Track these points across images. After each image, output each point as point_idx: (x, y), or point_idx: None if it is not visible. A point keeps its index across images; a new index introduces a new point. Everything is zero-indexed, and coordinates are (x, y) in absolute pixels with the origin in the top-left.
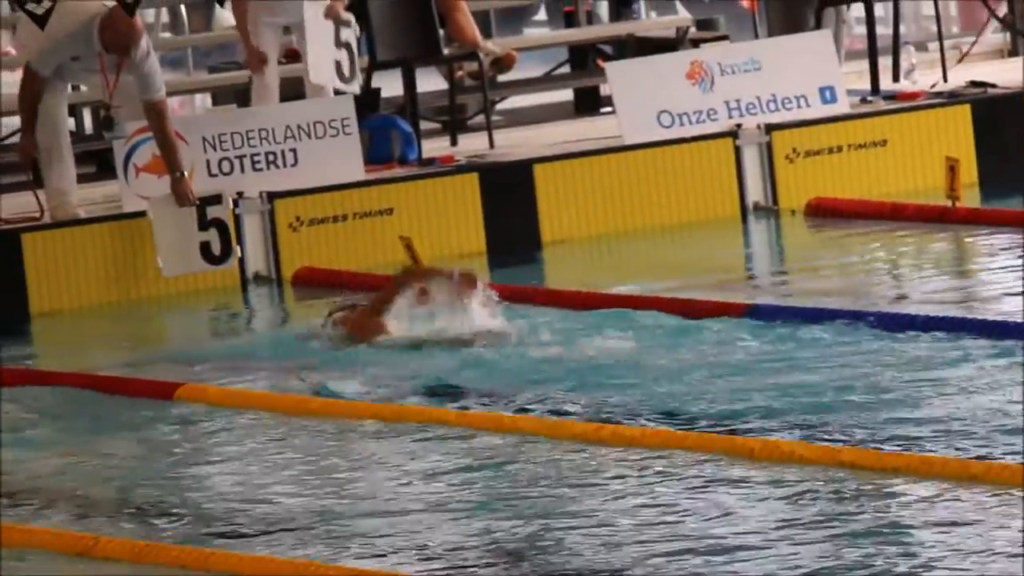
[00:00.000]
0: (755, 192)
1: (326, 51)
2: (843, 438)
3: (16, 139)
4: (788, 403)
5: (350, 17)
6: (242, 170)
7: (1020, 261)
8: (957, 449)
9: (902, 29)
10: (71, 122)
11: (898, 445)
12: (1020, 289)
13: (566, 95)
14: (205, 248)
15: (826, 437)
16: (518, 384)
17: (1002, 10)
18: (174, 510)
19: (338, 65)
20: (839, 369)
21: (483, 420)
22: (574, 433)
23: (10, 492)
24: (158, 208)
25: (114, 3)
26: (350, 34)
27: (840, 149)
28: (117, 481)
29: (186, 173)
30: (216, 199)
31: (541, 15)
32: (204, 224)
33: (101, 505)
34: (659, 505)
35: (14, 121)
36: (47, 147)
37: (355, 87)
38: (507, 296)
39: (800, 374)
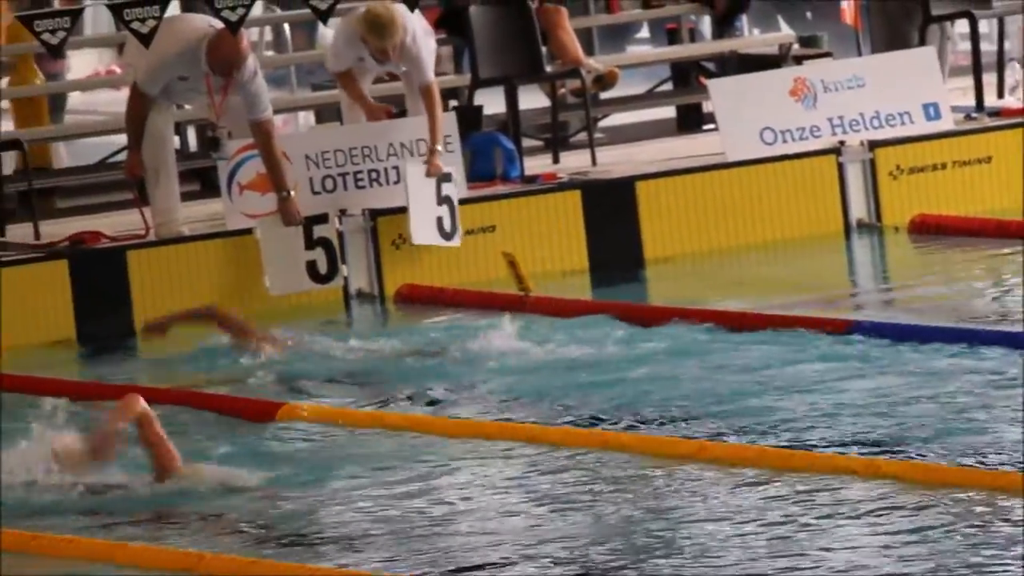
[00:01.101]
0: (858, 209)
1: (428, 211)
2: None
3: (122, 157)
4: (892, 422)
5: (450, 170)
6: (345, 188)
7: None
8: None
9: (1007, 45)
10: (176, 140)
11: (1006, 464)
12: None
13: (669, 112)
14: (311, 267)
15: (932, 455)
16: (631, 402)
17: None
18: (280, 527)
19: (440, 222)
20: (942, 387)
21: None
22: (683, 452)
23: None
24: (265, 228)
25: (222, 24)
26: (451, 188)
27: (944, 166)
28: (219, 499)
29: (292, 192)
30: (322, 218)
31: (644, 33)
32: (310, 243)
33: (205, 523)
34: (768, 524)
35: (120, 139)
36: (153, 166)
37: (456, 240)
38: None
39: (904, 391)
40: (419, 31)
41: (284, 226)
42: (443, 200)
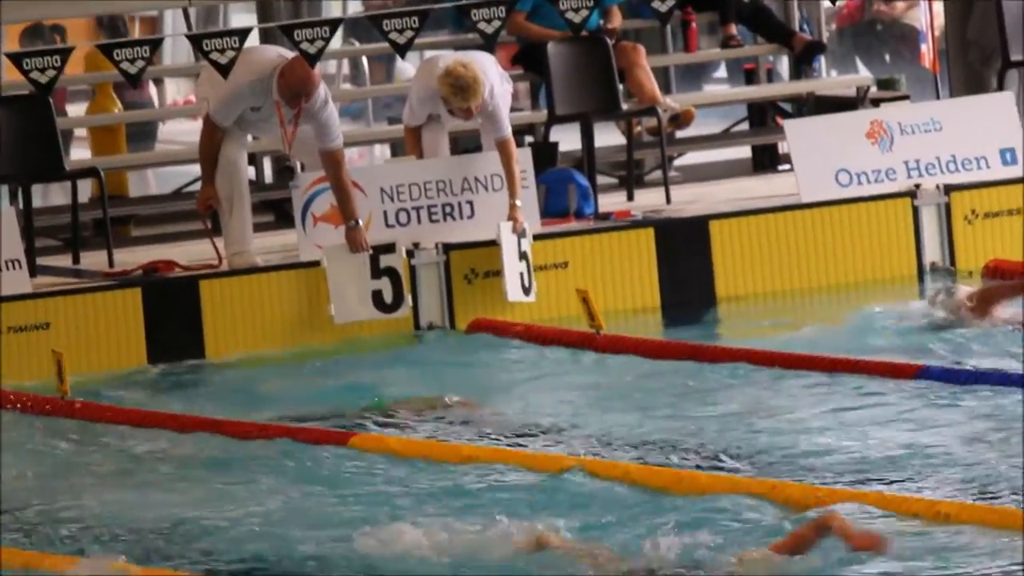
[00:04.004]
0: (932, 252)
1: (515, 267)
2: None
3: (197, 187)
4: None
5: (525, 225)
6: (419, 221)
7: None
8: None
9: None
10: (251, 171)
11: None
12: None
13: (744, 152)
14: (377, 296)
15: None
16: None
17: None
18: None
19: (521, 277)
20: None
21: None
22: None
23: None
24: (332, 255)
25: (295, 54)
26: (527, 244)
27: (1019, 211)
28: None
29: (361, 222)
30: (390, 248)
31: (721, 72)
32: (377, 272)
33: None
34: None
35: (196, 169)
36: (227, 196)
37: (532, 296)
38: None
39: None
40: (496, 81)
41: (351, 254)
42: (522, 256)
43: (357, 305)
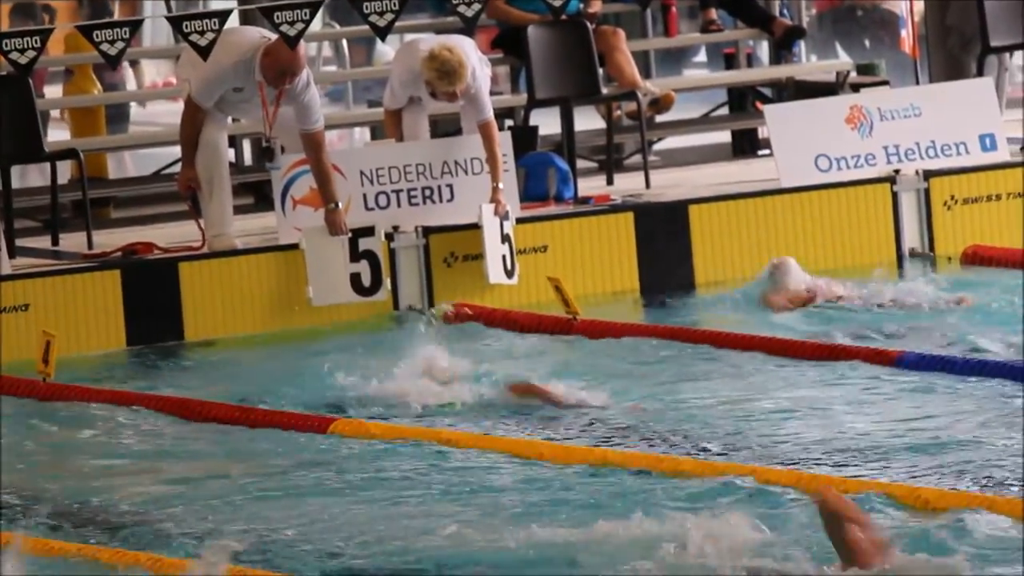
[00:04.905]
0: (911, 238)
1: (497, 249)
2: None
3: (177, 169)
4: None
5: (508, 208)
6: (398, 204)
7: None
8: None
9: None
10: (231, 153)
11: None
12: None
13: (724, 137)
14: (355, 279)
15: None
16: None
17: None
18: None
19: (504, 260)
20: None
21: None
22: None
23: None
24: (311, 237)
25: (276, 36)
26: (509, 227)
27: (999, 197)
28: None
29: (341, 205)
30: (368, 231)
31: (701, 57)
32: (356, 255)
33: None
34: None
35: (175, 151)
36: (207, 179)
37: (515, 279)
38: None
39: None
40: (476, 64)
41: (330, 236)
42: (504, 238)
43: (335, 288)
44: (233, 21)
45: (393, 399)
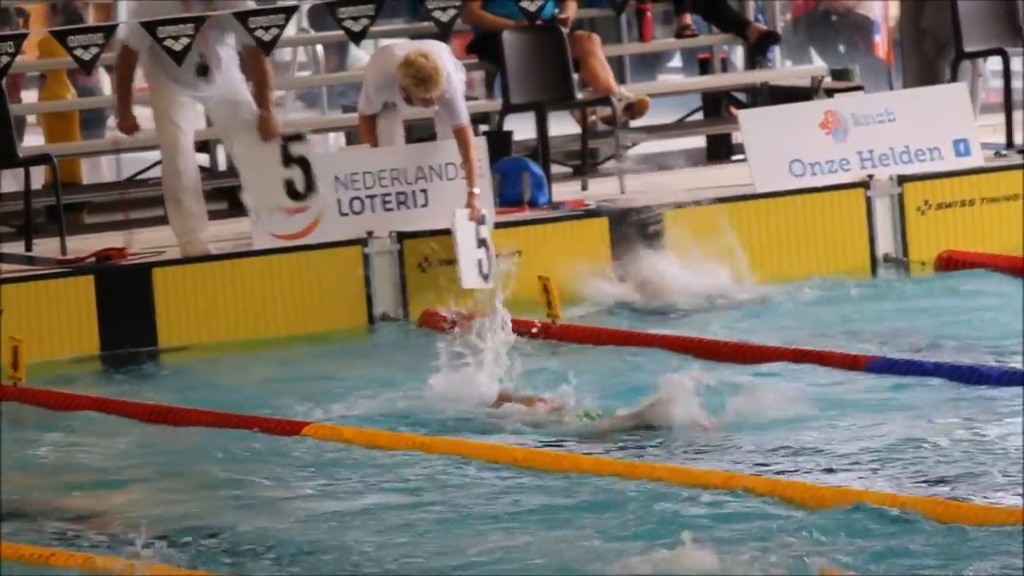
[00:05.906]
0: (885, 243)
1: (472, 254)
2: None
3: (152, 174)
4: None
5: (485, 212)
6: (372, 210)
7: None
8: None
9: None
10: (203, 158)
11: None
12: None
13: (698, 142)
14: (289, 185)
15: None
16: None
17: None
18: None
19: (480, 264)
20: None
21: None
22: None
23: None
24: (243, 148)
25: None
26: (486, 231)
27: (972, 202)
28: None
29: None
30: (298, 137)
31: (676, 62)
32: (288, 160)
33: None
34: None
35: (149, 156)
36: (178, 185)
37: (491, 283)
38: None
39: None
40: (451, 69)
41: (262, 144)
42: (480, 243)
43: (269, 193)
44: None
45: (367, 404)
